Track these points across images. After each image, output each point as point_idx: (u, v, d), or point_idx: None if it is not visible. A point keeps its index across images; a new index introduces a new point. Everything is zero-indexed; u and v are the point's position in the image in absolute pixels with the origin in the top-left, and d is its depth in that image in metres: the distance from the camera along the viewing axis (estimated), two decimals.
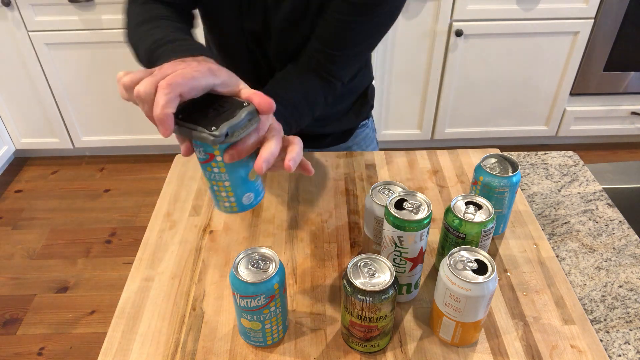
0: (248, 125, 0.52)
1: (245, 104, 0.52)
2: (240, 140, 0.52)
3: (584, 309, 0.71)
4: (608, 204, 0.89)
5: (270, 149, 0.53)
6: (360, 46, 0.82)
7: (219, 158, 0.53)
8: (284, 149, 0.57)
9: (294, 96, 0.79)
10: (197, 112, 0.51)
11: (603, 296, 0.73)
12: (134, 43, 0.74)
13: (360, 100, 1.07)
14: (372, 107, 1.11)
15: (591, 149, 2.50)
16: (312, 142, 1.04)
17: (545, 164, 0.99)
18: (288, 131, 0.76)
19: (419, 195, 0.65)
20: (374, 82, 2.23)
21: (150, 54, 0.67)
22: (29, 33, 2.05)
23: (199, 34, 0.91)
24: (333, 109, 1.02)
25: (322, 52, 0.81)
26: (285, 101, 0.77)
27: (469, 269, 0.60)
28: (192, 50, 0.62)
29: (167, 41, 0.66)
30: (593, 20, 2.07)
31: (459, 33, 2.06)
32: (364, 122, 1.11)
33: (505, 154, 0.78)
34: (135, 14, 0.77)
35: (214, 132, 0.49)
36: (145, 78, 0.51)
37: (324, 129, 1.05)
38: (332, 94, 0.85)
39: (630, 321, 0.70)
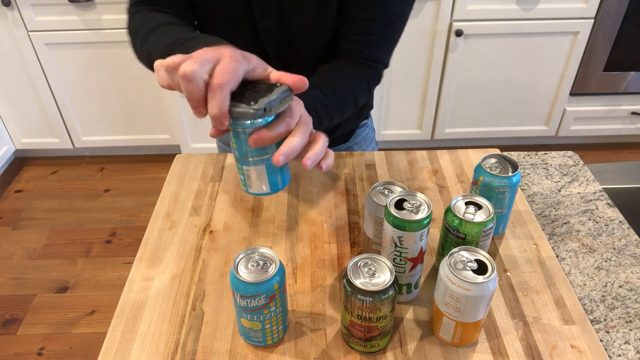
0: (283, 102, 0.54)
1: (277, 85, 0.54)
2: (267, 125, 0.53)
3: (584, 309, 0.71)
4: (608, 204, 0.89)
5: (291, 144, 0.54)
6: (393, 25, 0.81)
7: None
8: (308, 144, 0.57)
9: (336, 83, 0.78)
10: (234, 94, 0.53)
11: (603, 296, 0.73)
12: (147, 50, 0.73)
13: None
14: (371, 107, 1.12)
15: (591, 149, 2.50)
16: None
17: (545, 164, 0.99)
18: (328, 122, 0.75)
19: (419, 195, 0.65)
20: None
21: (169, 55, 0.66)
22: (29, 33, 2.05)
23: None
24: None
25: (355, 40, 0.80)
26: (327, 89, 0.76)
27: (469, 269, 0.60)
28: (212, 41, 0.61)
29: (185, 39, 0.66)
30: (593, 20, 2.07)
31: (459, 33, 2.06)
32: (363, 122, 1.12)
33: (505, 154, 0.78)
34: (141, 23, 0.77)
35: (253, 107, 0.51)
36: (188, 59, 0.51)
37: (324, 131, 1.05)
38: (376, 78, 0.84)
39: (630, 321, 0.70)
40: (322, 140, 0.58)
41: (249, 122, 0.53)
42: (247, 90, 0.54)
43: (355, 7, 0.79)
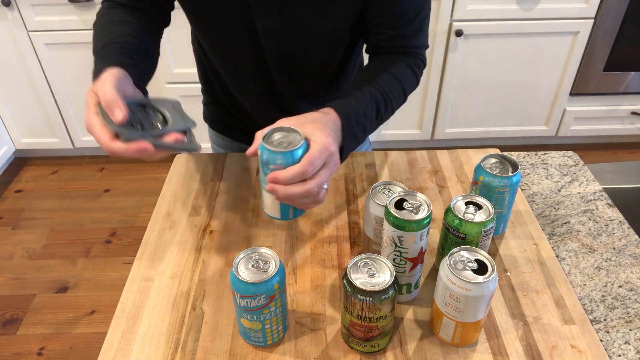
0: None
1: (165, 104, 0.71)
2: (286, 168, 0.60)
3: (584, 309, 0.71)
4: (608, 204, 0.89)
5: (287, 190, 0.60)
6: (423, 9, 0.81)
7: None
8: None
9: (383, 81, 0.78)
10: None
11: (603, 296, 0.73)
12: (94, 39, 0.80)
13: None
14: None
15: (591, 149, 2.50)
16: None
17: (545, 164, 0.99)
18: (376, 126, 0.78)
19: (419, 195, 0.65)
20: None
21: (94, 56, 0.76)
22: (29, 33, 2.05)
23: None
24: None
25: (391, 35, 0.80)
26: (376, 84, 0.77)
27: (469, 269, 0.60)
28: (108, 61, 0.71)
29: (100, 47, 0.76)
30: (593, 20, 2.07)
31: (459, 33, 2.06)
32: None
33: (505, 154, 0.78)
34: (100, 15, 0.83)
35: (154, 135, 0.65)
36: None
37: None
38: (421, 63, 0.85)
39: (630, 321, 0.70)
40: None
41: (272, 159, 0.60)
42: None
43: (378, 7, 0.79)
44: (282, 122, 0.64)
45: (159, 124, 0.66)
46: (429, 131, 2.38)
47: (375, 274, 0.59)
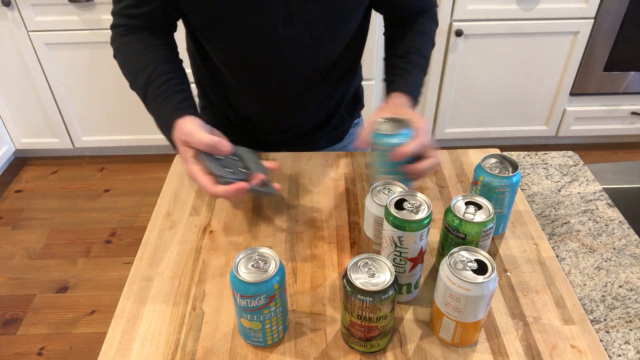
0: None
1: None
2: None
3: (584, 309, 0.71)
4: (608, 204, 0.89)
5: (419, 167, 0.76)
6: None
7: None
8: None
9: (417, 40, 0.92)
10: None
11: (603, 296, 0.73)
12: (130, 71, 0.85)
13: (352, 100, 1.09)
14: (363, 106, 1.13)
15: (591, 149, 2.50)
16: (309, 145, 1.05)
17: (545, 164, 0.99)
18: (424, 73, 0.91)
19: (419, 195, 0.65)
20: (374, 82, 2.23)
21: (145, 96, 0.83)
22: (29, 33, 2.05)
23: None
24: (327, 112, 1.04)
25: (413, 3, 0.93)
26: (416, 50, 0.90)
27: (469, 269, 0.60)
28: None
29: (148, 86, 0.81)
30: (593, 20, 2.07)
31: (459, 33, 2.06)
32: (356, 121, 1.13)
33: (505, 154, 0.78)
34: (121, 44, 0.88)
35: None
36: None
37: (320, 132, 1.06)
38: (434, 9, 0.96)
39: (630, 321, 0.70)
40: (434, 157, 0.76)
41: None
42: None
43: None
44: (378, 116, 0.77)
45: (241, 169, 0.76)
46: (429, 131, 2.38)
47: (375, 274, 0.59)
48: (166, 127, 0.78)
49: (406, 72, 0.88)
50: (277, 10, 0.80)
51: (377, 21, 1.70)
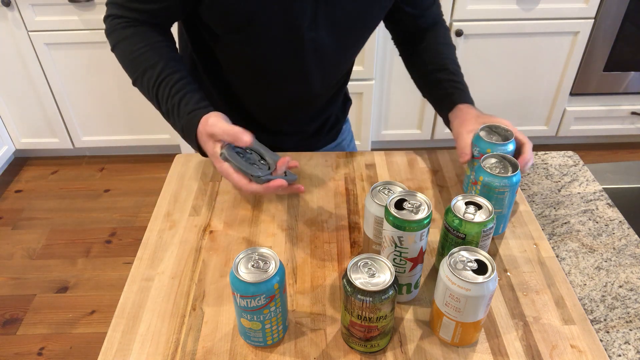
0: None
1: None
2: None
3: (584, 309, 0.71)
4: (608, 204, 0.89)
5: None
6: None
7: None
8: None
9: (446, 51, 0.95)
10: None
11: (603, 296, 0.73)
12: (144, 91, 0.83)
13: (343, 99, 1.11)
14: (351, 103, 1.15)
15: (591, 149, 2.50)
16: (307, 145, 1.05)
17: (545, 164, 0.99)
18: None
19: (419, 195, 0.65)
20: (374, 83, 2.23)
21: (160, 99, 0.80)
22: (29, 33, 2.05)
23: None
24: (326, 113, 1.05)
25: (427, 12, 0.95)
26: (450, 61, 0.94)
27: (469, 269, 0.60)
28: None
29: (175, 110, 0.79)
30: (593, 20, 2.07)
31: (459, 33, 2.06)
32: (346, 118, 1.16)
33: (506, 154, 0.78)
34: (123, 37, 0.84)
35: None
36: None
37: (319, 135, 1.06)
38: (442, 17, 1.00)
39: (630, 321, 0.70)
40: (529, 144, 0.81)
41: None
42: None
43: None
44: (473, 128, 0.83)
45: (262, 162, 0.76)
46: (429, 131, 2.38)
47: (375, 274, 0.59)
48: (190, 124, 0.76)
49: (457, 83, 0.92)
50: (304, 13, 0.79)
51: None
